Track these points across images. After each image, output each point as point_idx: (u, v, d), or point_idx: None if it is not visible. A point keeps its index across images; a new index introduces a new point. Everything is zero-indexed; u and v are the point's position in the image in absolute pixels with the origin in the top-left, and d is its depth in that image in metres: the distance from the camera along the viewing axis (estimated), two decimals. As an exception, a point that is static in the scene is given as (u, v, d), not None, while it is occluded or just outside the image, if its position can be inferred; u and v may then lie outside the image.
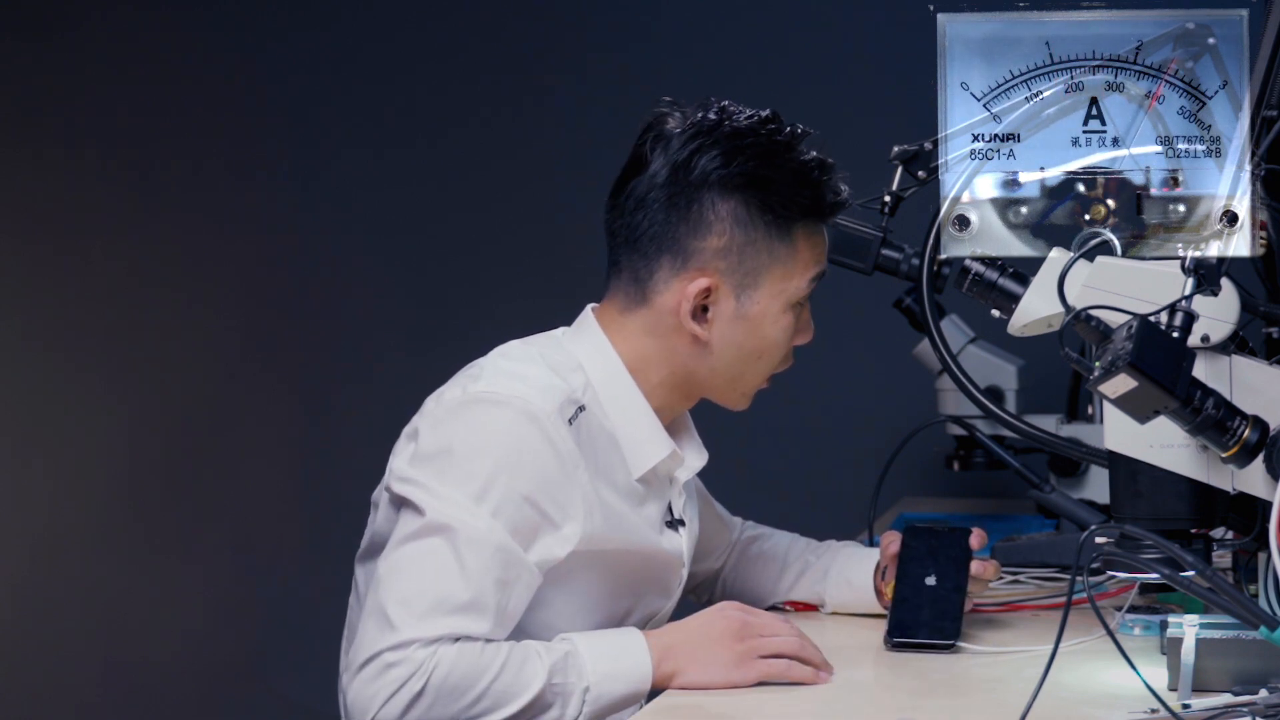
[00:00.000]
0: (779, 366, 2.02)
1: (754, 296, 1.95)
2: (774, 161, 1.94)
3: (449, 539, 1.80)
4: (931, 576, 2.05)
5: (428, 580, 1.79)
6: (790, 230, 1.94)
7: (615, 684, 1.82)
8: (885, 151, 2.01)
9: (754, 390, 2.03)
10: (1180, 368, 1.49)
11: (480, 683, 1.77)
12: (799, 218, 1.94)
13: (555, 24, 3.64)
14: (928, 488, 3.24)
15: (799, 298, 1.98)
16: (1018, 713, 1.53)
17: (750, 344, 1.97)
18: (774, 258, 1.95)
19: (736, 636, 1.86)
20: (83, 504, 3.75)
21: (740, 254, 1.94)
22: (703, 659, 1.85)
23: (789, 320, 1.98)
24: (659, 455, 1.97)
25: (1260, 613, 1.46)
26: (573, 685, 1.81)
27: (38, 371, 3.77)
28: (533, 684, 1.78)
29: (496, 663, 1.78)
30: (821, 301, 3.33)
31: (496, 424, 1.85)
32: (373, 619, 1.80)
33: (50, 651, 3.72)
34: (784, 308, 1.97)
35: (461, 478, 1.83)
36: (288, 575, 3.63)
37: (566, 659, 1.81)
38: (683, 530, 2.04)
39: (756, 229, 1.94)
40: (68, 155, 3.77)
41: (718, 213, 1.93)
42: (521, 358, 1.95)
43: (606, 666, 1.82)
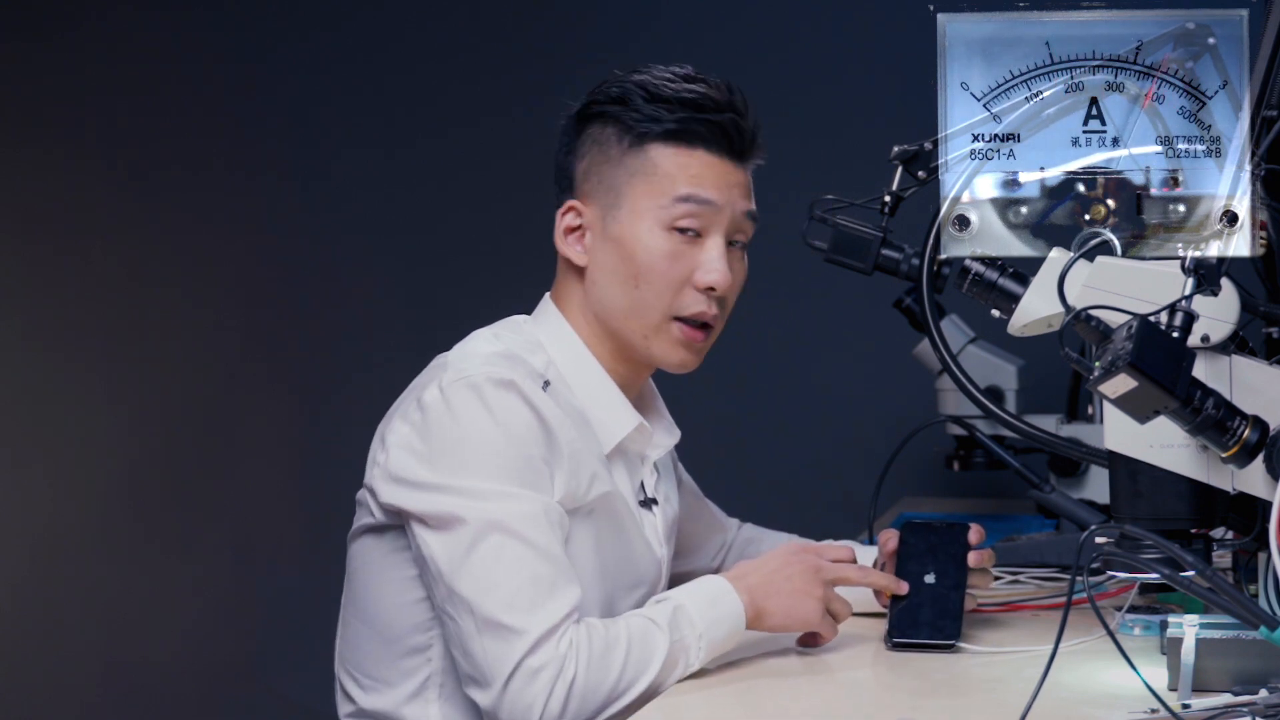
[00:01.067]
0: (681, 304, 1.97)
1: (617, 216, 1.97)
2: (635, 83, 1.97)
3: (505, 530, 1.82)
4: (930, 574, 2.05)
5: (513, 573, 1.80)
6: (643, 146, 1.96)
7: (721, 627, 1.87)
8: (885, 151, 2.01)
9: (656, 327, 1.97)
10: (1180, 368, 1.49)
11: (617, 655, 1.80)
12: (653, 134, 1.95)
13: (555, 23, 3.64)
14: (928, 488, 3.24)
15: (668, 218, 1.95)
16: (1018, 713, 1.53)
17: (622, 267, 1.96)
18: (631, 173, 1.96)
19: (814, 582, 1.93)
20: (83, 504, 3.75)
21: (599, 174, 1.98)
22: (786, 604, 1.91)
23: (659, 242, 1.95)
24: (626, 428, 1.99)
25: (1260, 613, 1.46)
26: (689, 636, 1.85)
27: (38, 371, 3.77)
28: (660, 646, 1.82)
29: (624, 635, 1.81)
30: (822, 301, 3.36)
31: (481, 404, 1.86)
32: (488, 636, 1.79)
33: (50, 651, 3.72)
34: (651, 227, 1.95)
35: (476, 466, 1.84)
36: (287, 575, 3.63)
37: (676, 613, 1.85)
38: (656, 509, 2.04)
39: (611, 146, 1.97)
40: (68, 155, 3.78)
41: (582, 137, 1.99)
42: (484, 341, 1.97)
43: (711, 613, 1.87)
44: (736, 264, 2.00)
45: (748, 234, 2.02)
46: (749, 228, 2.01)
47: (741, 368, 3.46)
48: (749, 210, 2.00)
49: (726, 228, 1.97)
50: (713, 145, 1.96)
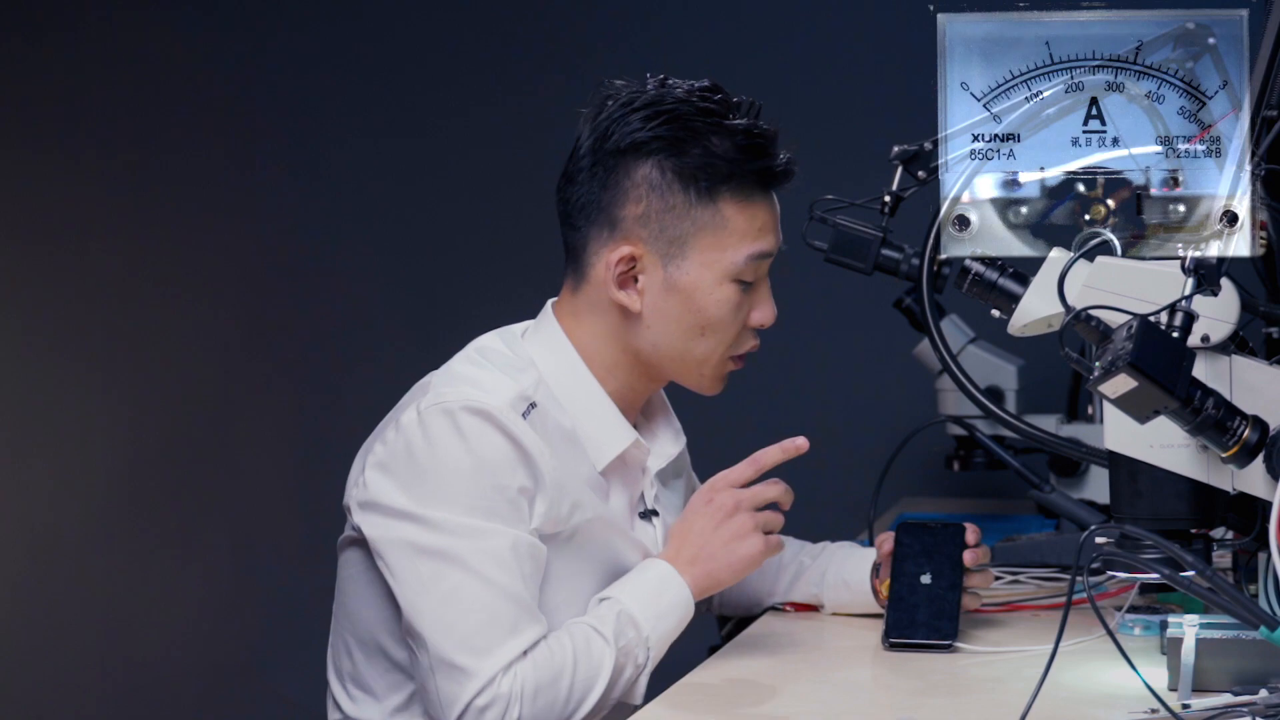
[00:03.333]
0: (738, 346, 2.00)
1: (682, 266, 1.94)
2: (690, 125, 1.92)
3: (466, 568, 1.81)
4: (927, 574, 2.05)
5: (471, 614, 1.80)
6: (714, 195, 1.92)
7: (666, 620, 1.89)
8: (885, 151, 2.01)
9: (714, 370, 2.00)
10: (1180, 368, 1.49)
11: (564, 681, 1.81)
12: (721, 184, 1.92)
13: (554, 20, 3.64)
14: (928, 488, 3.24)
15: (737, 271, 1.94)
16: (1017, 713, 1.53)
17: (688, 318, 1.95)
18: (698, 225, 1.92)
19: (740, 522, 1.93)
20: (83, 503, 3.75)
21: (660, 221, 1.93)
22: (728, 560, 1.92)
23: (729, 294, 1.94)
24: (620, 445, 1.96)
25: (1260, 613, 1.46)
26: (634, 642, 1.86)
27: (37, 371, 3.77)
28: (605, 660, 1.83)
29: (569, 656, 1.82)
30: (822, 301, 3.36)
31: (456, 432, 1.85)
32: (441, 675, 1.81)
33: (50, 651, 3.72)
34: (719, 280, 1.94)
35: (445, 497, 1.83)
36: (287, 575, 3.63)
37: (620, 619, 1.86)
38: (655, 521, 2.02)
39: (674, 195, 1.92)
40: (68, 155, 3.77)
41: (634, 179, 1.93)
42: (469, 362, 1.95)
43: (653, 608, 1.88)
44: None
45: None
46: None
47: (741, 367, 3.46)
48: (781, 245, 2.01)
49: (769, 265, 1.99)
50: (770, 190, 1.96)
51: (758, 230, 1.94)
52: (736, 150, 1.92)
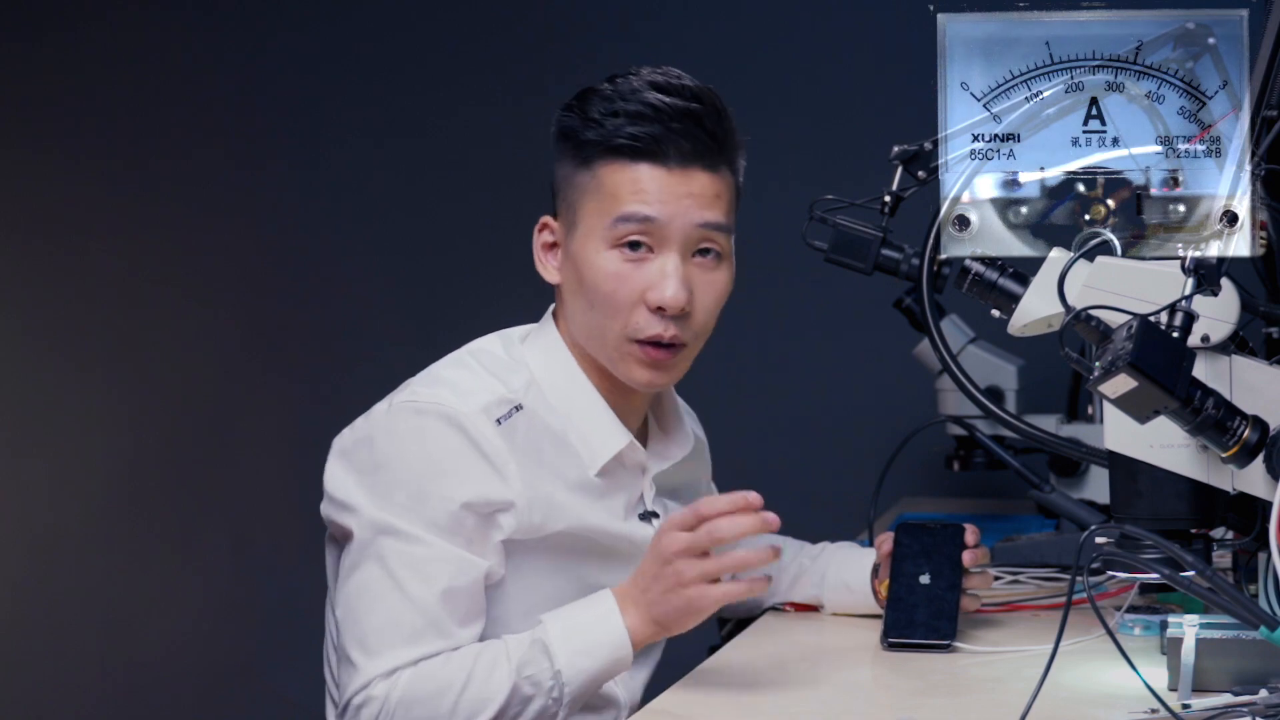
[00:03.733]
0: (636, 325, 1.90)
1: (575, 235, 1.93)
2: (589, 97, 1.93)
3: (387, 569, 1.81)
4: (926, 575, 2.05)
5: (376, 614, 1.81)
6: (590, 163, 1.91)
7: (591, 658, 1.80)
8: (885, 151, 2.00)
9: (614, 350, 1.91)
10: (1180, 368, 1.49)
11: (446, 699, 1.77)
12: (596, 147, 1.90)
13: (555, 21, 3.64)
14: (928, 488, 3.24)
15: (612, 236, 1.89)
16: (1017, 713, 1.53)
17: (579, 288, 1.92)
18: (583, 192, 1.92)
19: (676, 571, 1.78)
20: (83, 504, 3.75)
21: (562, 192, 1.95)
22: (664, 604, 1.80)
23: (608, 263, 1.89)
24: (614, 448, 1.94)
25: (1260, 613, 1.46)
26: (544, 671, 1.80)
27: (37, 371, 3.77)
28: (503, 686, 1.78)
29: (461, 675, 1.78)
30: (822, 301, 3.36)
31: (417, 433, 1.85)
32: (342, 665, 1.84)
33: (50, 651, 3.72)
34: (599, 248, 1.90)
35: (389, 494, 1.84)
36: (288, 575, 3.62)
37: (533, 647, 1.80)
38: (656, 522, 2.00)
39: (567, 164, 1.94)
40: (68, 155, 3.78)
41: (556, 156, 1.96)
42: (454, 364, 1.94)
43: (576, 643, 1.80)
44: (705, 278, 1.92)
45: (719, 245, 1.93)
46: (717, 239, 1.92)
47: (741, 368, 3.47)
48: (709, 221, 1.90)
49: (680, 243, 1.89)
50: (659, 157, 1.88)
51: (633, 194, 1.88)
52: (614, 115, 1.90)
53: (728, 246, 1.95)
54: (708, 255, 1.92)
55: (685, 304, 1.89)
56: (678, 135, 1.88)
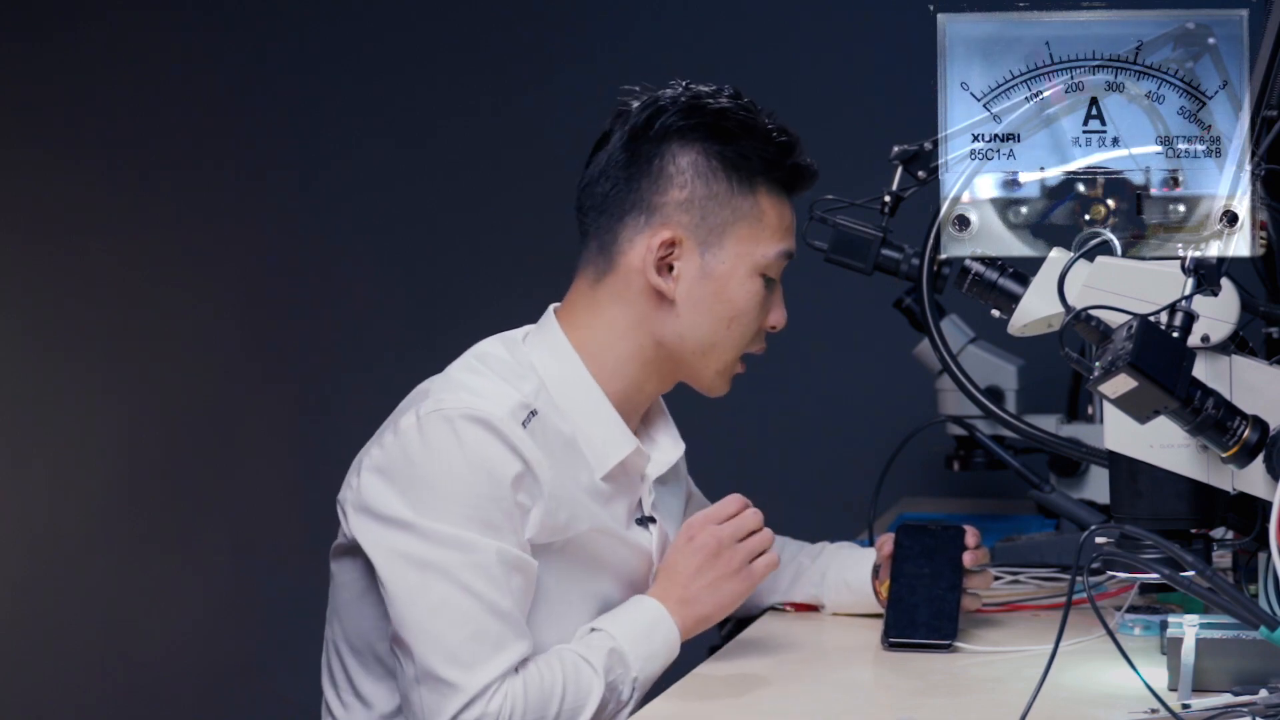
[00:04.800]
0: (751, 344, 2.01)
1: (719, 255, 1.95)
2: (731, 116, 1.96)
3: (454, 580, 1.80)
4: (927, 575, 2.05)
5: (457, 626, 1.79)
6: (753, 187, 1.96)
7: (655, 662, 1.89)
8: (885, 151, 2.00)
9: (728, 366, 2.01)
10: (1180, 368, 1.49)
11: (553, 705, 1.80)
12: (760, 174, 1.96)
13: (555, 23, 3.64)
14: (928, 488, 3.24)
15: (766, 265, 1.97)
16: (1017, 713, 1.53)
17: (718, 307, 1.96)
18: (738, 214, 1.96)
19: (726, 560, 1.93)
20: (83, 504, 3.75)
21: (703, 208, 1.95)
22: (715, 599, 1.94)
23: (757, 288, 1.98)
24: (622, 453, 1.95)
25: (1260, 613, 1.46)
26: (622, 677, 1.86)
27: (37, 370, 3.77)
28: (594, 690, 1.83)
29: (559, 681, 1.81)
30: (822, 301, 3.35)
31: (454, 439, 1.84)
32: (425, 687, 1.79)
33: (50, 651, 3.72)
34: (750, 271, 1.97)
35: (439, 505, 1.82)
36: (288, 575, 3.62)
37: (611, 656, 1.86)
38: (653, 528, 2.01)
39: (718, 182, 1.95)
40: (68, 154, 3.77)
41: (678, 165, 1.95)
42: (468, 370, 1.94)
43: (644, 649, 1.88)
44: None
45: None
46: None
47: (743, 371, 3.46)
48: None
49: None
50: (795, 193, 2.01)
51: (786, 229, 1.99)
52: (774, 146, 1.97)
53: None
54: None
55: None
56: (811, 168, 2.02)
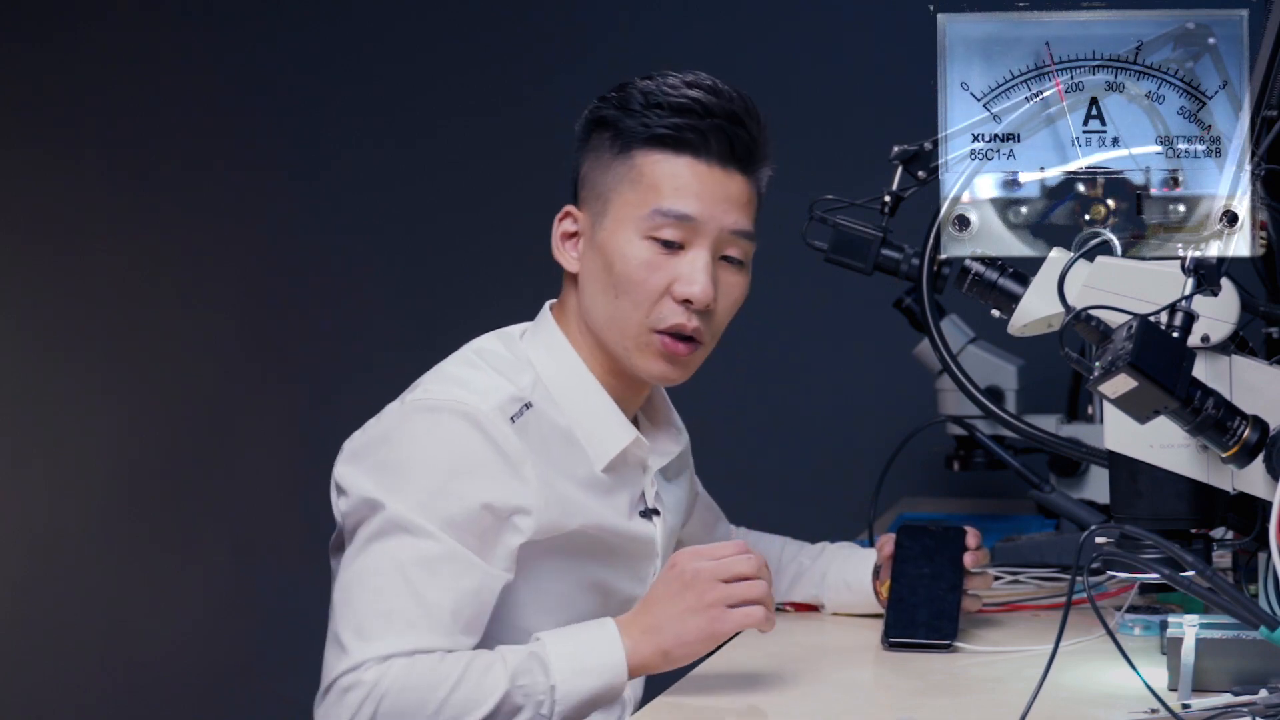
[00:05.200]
0: (659, 316, 1.91)
1: (604, 223, 1.93)
2: (632, 89, 1.93)
3: (394, 557, 1.78)
4: (927, 576, 2.05)
5: (378, 600, 1.77)
6: (629, 149, 1.91)
7: (585, 679, 1.77)
8: (885, 151, 2.01)
9: (634, 339, 1.92)
10: (1180, 368, 1.49)
11: (437, 694, 1.73)
12: (639, 135, 1.90)
13: (553, 22, 3.64)
14: (928, 488, 3.24)
15: (648, 227, 1.89)
16: (1017, 713, 1.53)
17: (604, 275, 1.92)
18: (617, 178, 1.92)
19: (698, 593, 1.78)
20: (83, 504, 3.75)
21: (591, 180, 1.95)
22: (673, 625, 1.78)
23: (639, 251, 1.90)
24: (621, 444, 1.94)
25: (1260, 613, 1.46)
26: (539, 685, 1.76)
27: (37, 371, 3.78)
28: (495, 691, 1.75)
29: (455, 673, 1.74)
30: (822, 301, 3.36)
31: (435, 431, 1.83)
32: (330, 646, 1.79)
33: (50, 651, 3.72)
34: (631, 235, 1.90)
35: (406, 491, 1.81)
36: (288, 575, 3.63)
37: (530, 659, 1.77)
38: (656, 520, 2.00)
39: (603, 152, 1.94)
40: (68, 155, 3.78)
41: (584, 145, 1.96)
42: (463, 363, 1.93)
43: (574, 663, 1.77)
44: (729, 280, 1.94)
45: (743, 252, 1.94)
46: (742, 246, 1.94)
47: (741, 367, 3.47)
48: (740, 228, 1.92)
49: (711, 243, 1.91)
50: (703, 152, 1.90)
51: (673, 189, 1.89)
52: (657, 106, 1.90)
53: (750, 254, 1.97)
54: (731, 261, 1.94)
55: (711, 301, 1.91)
56: (722, 133, 1.90)
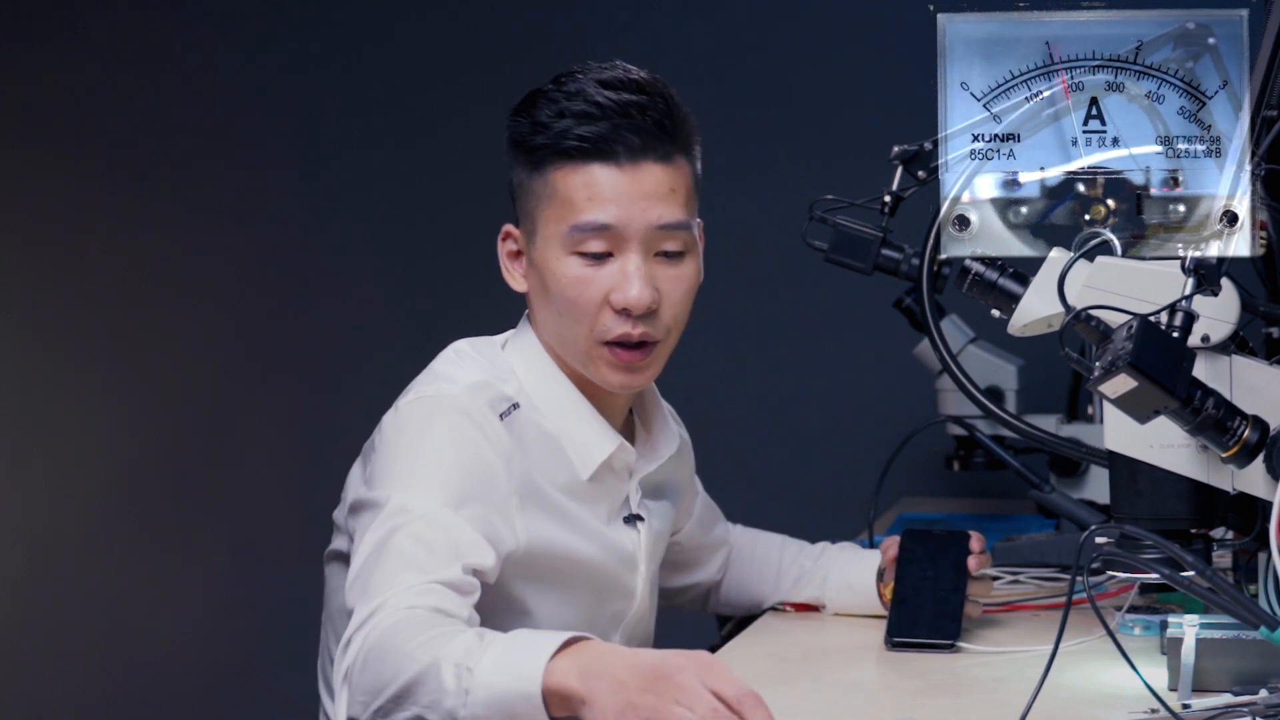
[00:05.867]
0: (602, 328, 1.87)
1: (535, 242, 1.90)
2: (535, 100, 1.91)
3: (397, 535, 1.71)
4: (930, 578, 2.05)
5: (384, 568, 1.69)
6: (543, 168, 1.88)
7: (496, 674, 1.53)
8: (885, 151, 2.01)
9: (584, 355, 1.89)
10: (1180, 368, 1.49)
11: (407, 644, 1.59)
12: (549, 150, 1.87)
13: (553, 21, 3.64)
14: (928, 488, 3.24)
15: (571, 243, 1.86)
16: (1018, 713, 1.53)
17: (545, 296, 1.90)
18: (538, 198, 1.89)
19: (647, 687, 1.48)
20: (83, 504, 3.75)
21: (520, 199, 1.93)
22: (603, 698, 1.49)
23: (568, 269, 1.86)
24: (605, 451, 1.93)
25: (1260, 613, 1.46)
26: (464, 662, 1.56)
27: (37, 371, 3.77)
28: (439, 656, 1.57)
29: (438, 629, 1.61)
30: (822, 301, 3.36)
31: (428, 422, 1.83)
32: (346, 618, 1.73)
33: (50, 651, 3.72)
34: (559, 255, 1.87)
35: (404, 476, 1.79)
36: (288, 575, 3.62)
37: (482, 639, 1.58)
38: (640, 526, 1.99)
39: (523, 170, 1.91)
40: (68, 155, 3.77)
41: (511, 164, 1.93)
42: (449, 361, 1.93)
43: (496, 652, 1.55)
44: (669, 274, 1.89)
45: (680, 243, 1.89)
46: (678, 237, 1.89)
47: (741, 367, 3.47)
48: (666, 221, 1.87)
49: (640, 243, 1.86)
50: (609, 155, 1.85)
51: (587, 200, 1.85)
52: (559, 115, 1.87)
53: (690, 241, 1.91)
54: (670, 255, 1.90)
55: (651, 303, 1.87)
56: (625, 130, 1.85)
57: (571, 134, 1.85)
